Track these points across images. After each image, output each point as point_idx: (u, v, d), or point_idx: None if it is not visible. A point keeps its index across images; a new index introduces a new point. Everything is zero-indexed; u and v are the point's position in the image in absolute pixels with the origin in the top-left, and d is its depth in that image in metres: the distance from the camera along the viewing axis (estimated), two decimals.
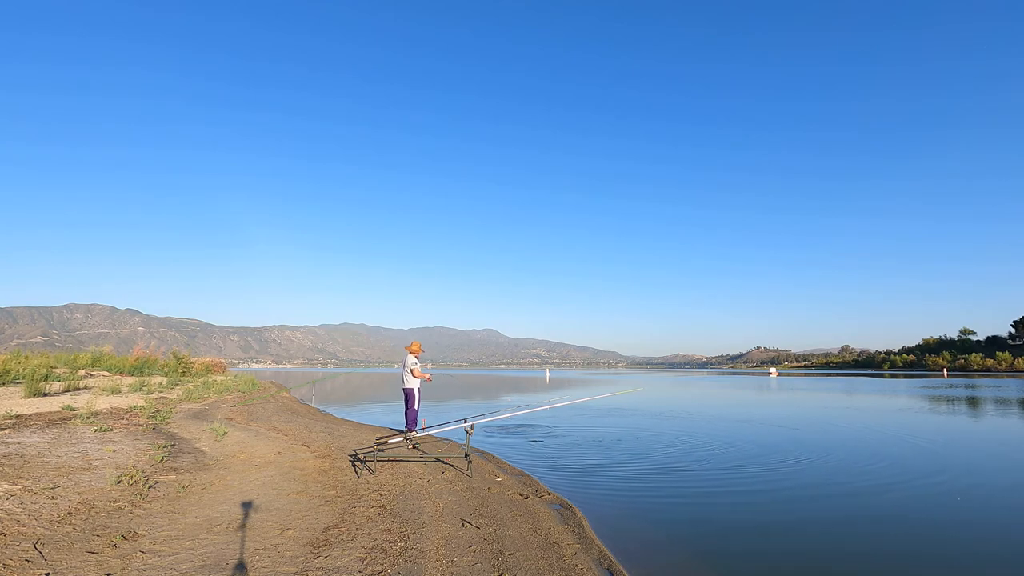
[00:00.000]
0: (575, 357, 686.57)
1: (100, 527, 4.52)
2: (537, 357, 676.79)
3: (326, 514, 5.27)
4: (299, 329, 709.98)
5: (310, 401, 22.20)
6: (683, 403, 22.85)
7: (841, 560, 4.79)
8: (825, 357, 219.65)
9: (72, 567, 3.71)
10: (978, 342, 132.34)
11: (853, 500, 6.73)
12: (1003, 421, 15.92)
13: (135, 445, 7.91)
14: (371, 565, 4.01)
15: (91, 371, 23.86)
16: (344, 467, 7.49)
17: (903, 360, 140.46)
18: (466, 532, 4.92)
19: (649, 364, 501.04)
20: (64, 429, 8.72)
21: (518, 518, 5.50)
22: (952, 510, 6.31)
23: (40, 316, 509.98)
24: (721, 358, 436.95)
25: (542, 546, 4.71)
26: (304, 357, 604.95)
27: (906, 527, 5.69)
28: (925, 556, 4.91)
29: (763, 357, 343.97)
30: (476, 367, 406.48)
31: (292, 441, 9.60)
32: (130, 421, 10.31)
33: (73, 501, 5.07)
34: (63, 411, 10.98)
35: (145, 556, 3.99)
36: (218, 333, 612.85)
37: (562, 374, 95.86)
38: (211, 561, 3.95)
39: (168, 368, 28.02)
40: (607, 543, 5.05)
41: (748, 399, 25.99)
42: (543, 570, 4.16)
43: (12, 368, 18.12)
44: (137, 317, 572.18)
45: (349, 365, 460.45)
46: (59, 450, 7.05)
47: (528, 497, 6.44)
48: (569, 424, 14.20)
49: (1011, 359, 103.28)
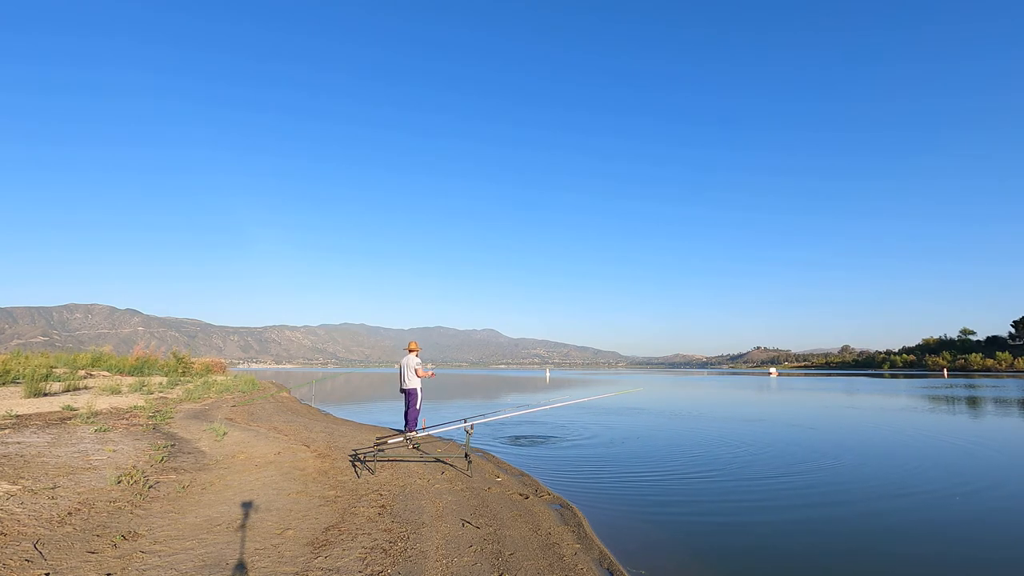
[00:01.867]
0: (575, 357, 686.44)
1: (100, 527, 4.52)
2: (537, 357, 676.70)
3: (326, 514, 5.26)
4: (299, 329, 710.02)
5: (310, 401, 22.20)
6: (683, 403, 22.85)
7: (843, 561, 4.78)
8: (825, 357, 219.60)
9: (72, 567, 3.71)
10: (978, 342, 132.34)
11: (855, 500, 6.71)
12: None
13: (135, 445, 7.91)
14: (371, 565, 4.01)
15: (91, 371, 23.86)
16: (344, 467, 7.49)
17: (903, 360, 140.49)
18: (466, 532, 4.91)
19: (649, 364, 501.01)
20: (64, 429, 8.72)
21: (518, 518, 5.50)
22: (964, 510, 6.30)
23: (40, 316, 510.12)
24: (721, 358, 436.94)
25: (542, 546, 4.71)
26: (304, 357, 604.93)
27: (906, 527, 5.68)
28: (924, 557, 4.90)
29: (763, 357, 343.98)
30: (476, 367, 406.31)
31: (292, 441, 9.60)
32: (130, 421, 10.31)
33: (73, 501, 5.07)
34: (63, 411, 10.98)
35: (145, 556, 3.99)
36: (218, 333, 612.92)
37: (562, 374, 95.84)
38: (211, 561, 3.95)
39: (168, 368, 28.04)
40: (607, 543, 5.04)
41: (747, 399, 25.98)
42: (543, 570, 4.16)
43: (12, 368, 18.12)
44: (137, 317, 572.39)
45: (349, 365, 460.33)
46: (59, 450, 7.05)
47: (528, 497, 6.44)
48: (569, 424, 14.19)
49: (1011, 359, 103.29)
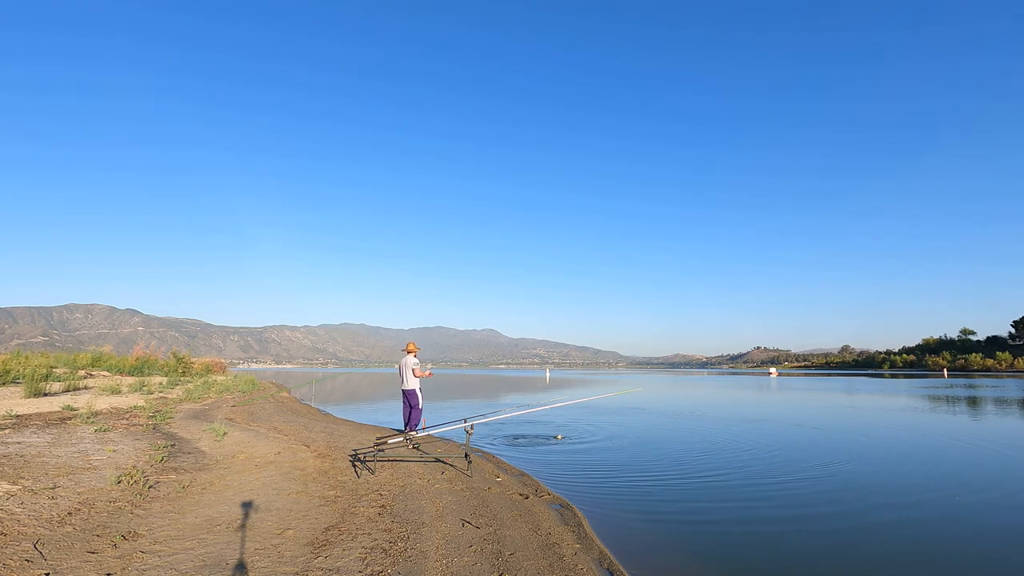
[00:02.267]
0: (575, 357, 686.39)
1: (100, 527, 4.52)
2: (537, 357, 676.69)
3: (326, 514, 5.26)
4: (299, 329, 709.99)
5: (310, 401, 22.20)
6: (683, 403, 22.84)
7: (844, 561, 4.78)
8: (825, 357, 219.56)
9: (72, 567, 3.71)
10: (978, 342, 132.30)
11: (855, 500, 6.70)
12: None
13: (135, 445, 7.91)
14: (371, 565, 4.01)
15: (91, 371, 23.86)
16: (344, 467, 7.49)
17: (903, 360, 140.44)
18: (466, 532, 4.91)
19: (649, 364, 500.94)
20: (64, 429, 8.72)
21: (518, 518, 5.50)
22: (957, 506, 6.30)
23: (40, 316, 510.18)
24: (721, 358, 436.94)
25: (542, 546, 4.71)
26: (304, 357, 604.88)
27: (905, 528, 5.68)
28: (925, 557, 4.90)
29: (763, 357, 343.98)
30: (476, 367, 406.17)
31: (292, 441, 9.59)
32: (130, 421, 10.31)
33: (73, 501, 5.06)
34: (63, 411, 10.98)
35: (145, 556, 3.99)
36: (218, 333, 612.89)
37: (562, 374, 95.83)
38: (211, 561, 3.95)
39: (168, 368, 28.04)
40: (607, 543, 5.04)
41: (747, 399, 25.98)
42: (543, 570, 4.16)
43: (12, 368, 18.12)
44: (137, 317, 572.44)
45: (349, 365, 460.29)
46: (59, 450, 7.05)
47: (528, 497, 6.44)
48: (569, 424, 14.19)
49: (1011, 359, 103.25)
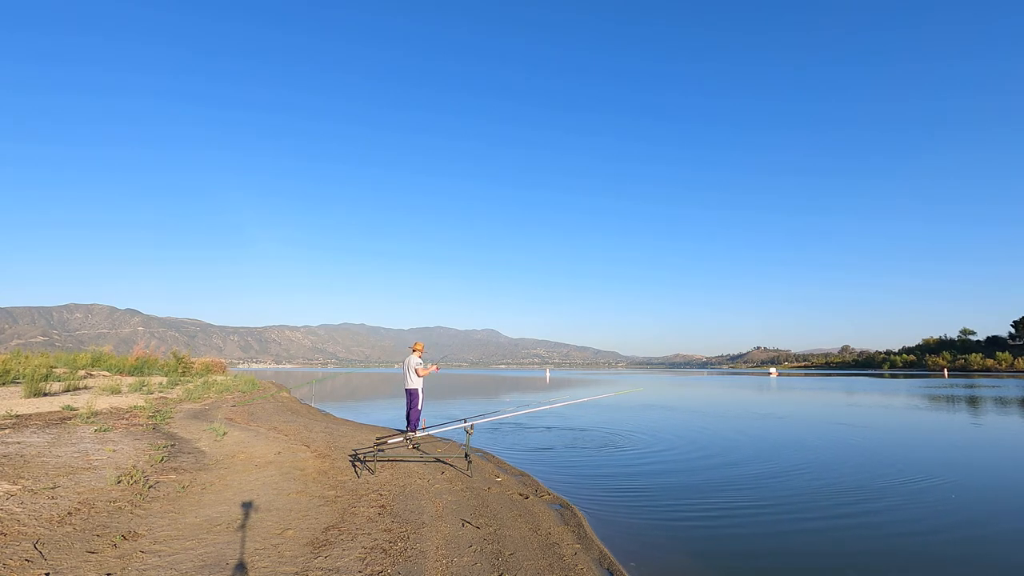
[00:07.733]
0: (575, 357, 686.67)
1: (100, 527, 4.52)
2: (537, 357, 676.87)
3: (326, 514, 5.26)
4: (299, 329, 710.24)
5: (310, 401, 22.19)
6: (682, 403, 22.84)
7: (843, 561, 4.78)
8: (825, 357, 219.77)
9: (72, 567, 3.71)
10: (978, 342, 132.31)
11: (855, 501, 6.70)
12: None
13: (135, 445, 7.91)
14: (371, 565, 4.01)
15: (91, 371, 23.87)
16: (344, 467, 7.49)
17: (903, 360, 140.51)
18: (466, 532, 4.91)
19: (649, 364, 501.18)
20: (64, 429, 8.72)
21: (518, 518, 5.50)
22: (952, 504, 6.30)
23: (40, 316, 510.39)
24: (721, 358, 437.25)
25: (542, 546, 4.71)
26: (304, 357, 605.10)
27: (903, 529, 5.67)
28: (924, 557, 4.90)
29: (763, 357, 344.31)
30: (476, 367, 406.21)
31: (292, 441, 9.59)
32: (130, 421, 10.31)
33: (73, 501, 5.06)
34: (63, 411, 10.98)
35: (145, 556, 3.99)
36: (218, 333, 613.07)
37: (562, 374, 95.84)
38: (211, 561, 3.95)
39: (168, 368, 28.05)
40: (607, 543, 5.04)
41: (746, 399, 25.97)
42: (543, 570, 4.16)
43: (12, 368, 18.12)
44: (137, 317, 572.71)
45: (349, 365, 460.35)
46: (59, 450, 7.05)
47: (528, 497, 6.44)
48: (569, 424, 14.19)
49: (1011, 359, 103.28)
